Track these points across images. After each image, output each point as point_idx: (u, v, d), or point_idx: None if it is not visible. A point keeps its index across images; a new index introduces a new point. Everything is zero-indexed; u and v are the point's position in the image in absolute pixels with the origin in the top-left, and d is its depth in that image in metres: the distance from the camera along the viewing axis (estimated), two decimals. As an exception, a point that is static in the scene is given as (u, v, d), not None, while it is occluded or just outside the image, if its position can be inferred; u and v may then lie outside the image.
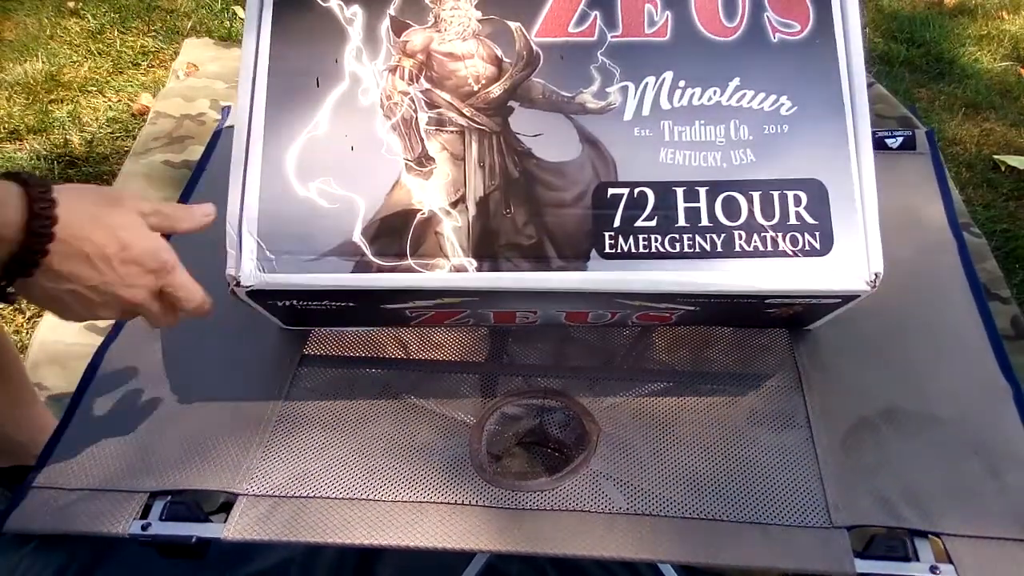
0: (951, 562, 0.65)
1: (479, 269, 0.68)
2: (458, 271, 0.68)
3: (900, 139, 1.01)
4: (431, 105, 0.71)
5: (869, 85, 2.06)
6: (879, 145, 1.01)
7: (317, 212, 0.69)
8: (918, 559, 0.66)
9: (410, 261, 0.68)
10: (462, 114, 0.71)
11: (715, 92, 0.71)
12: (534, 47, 0.72)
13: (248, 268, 0.68)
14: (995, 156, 1.85)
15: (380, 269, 0.68)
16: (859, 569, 0.64)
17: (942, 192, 0.97)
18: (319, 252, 0.68)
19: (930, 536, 0.67)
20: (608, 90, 0.71)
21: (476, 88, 0.72)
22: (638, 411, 0.77)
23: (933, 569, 0.65)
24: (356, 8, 0.73)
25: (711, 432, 0.75)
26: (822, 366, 0.81)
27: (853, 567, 0.65)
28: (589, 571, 1.10)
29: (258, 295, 0.71)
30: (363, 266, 0.68)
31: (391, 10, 0.73)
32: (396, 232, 0.69)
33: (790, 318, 0.79)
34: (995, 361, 0.81)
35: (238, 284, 0.68)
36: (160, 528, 0.68)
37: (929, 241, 0.92)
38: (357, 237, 0.68)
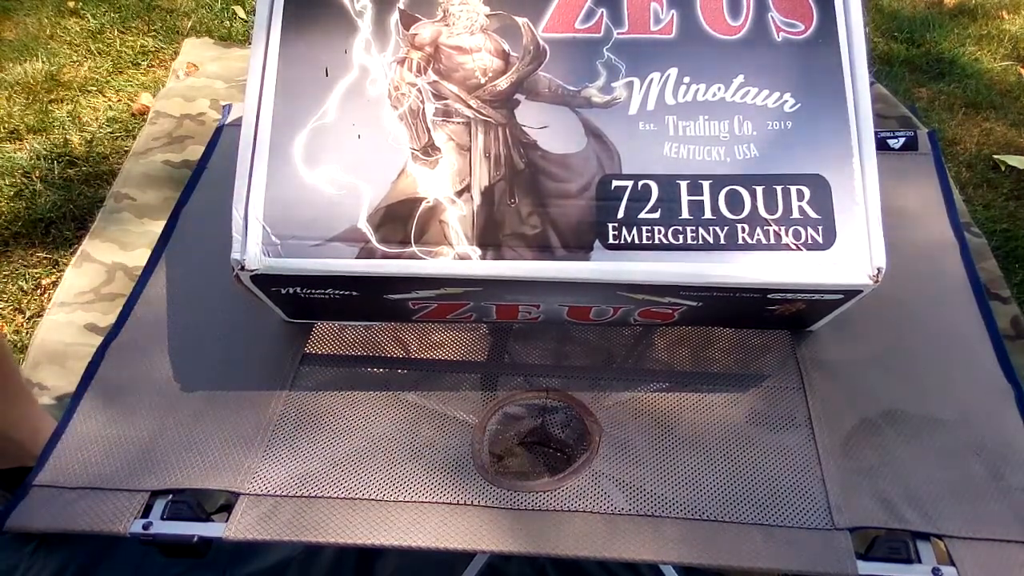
0: (953, 564, 0.65)
1: (483, 257, 0.69)
2: (462, 259, 0.68)
3: (902, 139, 1.01)
4: (438, 96, 0.72)
5: (870, 84, 2.06)
6: (881, 145, 1.01)
7: (323, 198, 0.69)
8: (920, 561, 0.66)
9: (414, 248, 0.68)
10: (469, 106, 0.72)
11: (719, 88, 0.72)
12: (541, 42, 0.73)
13: (253, 252, 0.68)
14: (995, 156, 1.85)
15: (384, 256, 0.68)
16: (861, 571, 0.64)
17: (944, 193, 0.97)
18: (324, 238, 0.69)
19: (932, 538, 0.67)
20: (614, 85, 0.72)
21: (483, 81, 0.72)
22: (640, 411, 0.77)
23: (935, 571, 0.65)
24: (366, 1, 0.74)
25: (713, 432, 0.75)
26: (823, 367, 0.81)
27: (855, 569, 0.64)
28: (590, 571, 1.10)
29: (262, 280, 0.71)
30: (368, 252, 0.68)
31: (400, 3, 0.74)
32: (401, 220, 0.69)
33: (792, 317, 0.79)
34: (996, 362, 0.81)
35: (243, 268, 0.68)
36: (161, 527, 0.68)
37: (931, 242, 0.92)
38: (362, 224, 0.69)
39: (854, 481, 0.71)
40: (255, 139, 0.70)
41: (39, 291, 1.53)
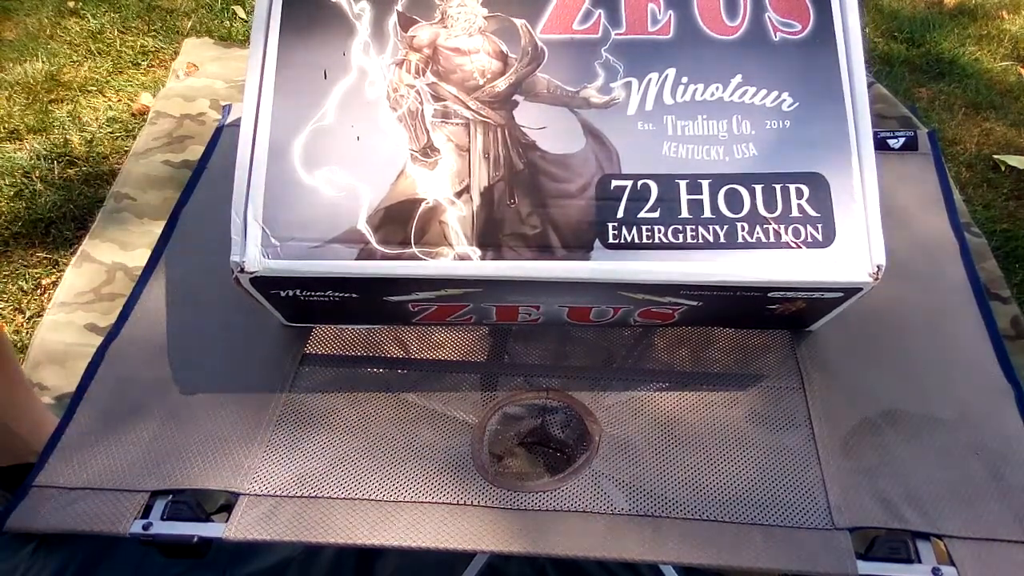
0: (953, 564, 0.65)
1: (483, 258, 0.69)
2: (462, 259, 0.69)
3: (902, 139, 1.01)
4: (437, 98, 0.72)
5: (869, 85, 2.05)
6: (881, 145, 1.01)
7: (322, 200, 0.69)
8: (920, 561, 0.66)
9: (414, 249, 0.69)
10: (467, 107, 0.72)
11: (717, 88, 0.72)
12: (539, 43, 0.73)
13: (252, 254, 0.68)
14: (995, 156, 1.85)
15: (384, 257, 0.68)
16: (861, 571, 0.64)
17: (944, 192, 0.97)
18: (324, 239, 0.69)
19: (932, 538, 0.67)
20: (612, 85, 0.72)
21: (482, 82, 0.73)
22: (640, 411, 0.77)
23: (935, 571, 0.65)
24: (364, 4, 0.74)
25: (713, 432, 0.75)
26: (824, 367, 0.81)
27: (855, 569, 0.64)
28: (590, 571, 1.10)
29: (261, 283, 0.71)
30: (367, 253, 0.68)
31: (399, 6, 0.74)
32: (401, 221, 0.69)
33: (792, 317, 0.79)
34: (996, 362, 0.81)
35: (242, 270, 0.68)
36: (161, 528, 0.68)
37: (930, 241, 0.92)
38: (362, 225, 0.69)
39: (854, 481, 0.71)
40: (254, 141, 0.70)
41: (39, 291, 1.53)
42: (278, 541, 0.67)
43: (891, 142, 1.02)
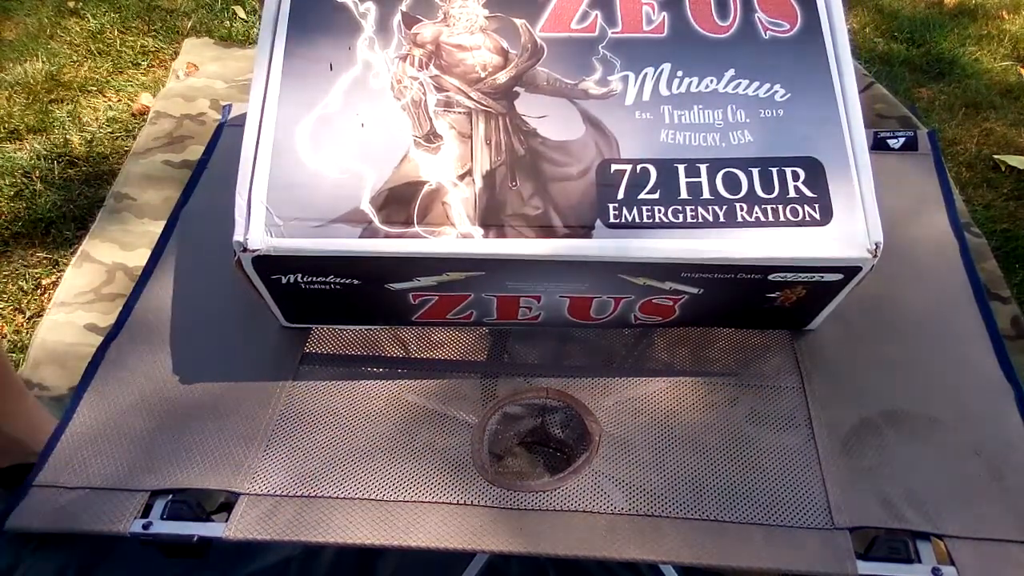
0: (953, 564, 0.65)
1: (485, 236, 0.69)
2: (464, 238, 0.69)
3: (902, 140, 1.01)
4: (440, 89, 0.74)
5: (869, 85, 2.06)
6: (881, 145, 1.01)
7: (326, 181, 0.70)
8: (920, 561, 0.66)
9: (417, 228, 0.69)
10: (469, 97, 0.74)
11: (712, 81, 0.75)
12: (538, 40, 0.76)
13: (256, 233, 0.69)
14: (995, 156, 1.85)
15: (387, 236, 0.69)
16: (861, 571, 0.64)
17: (944, 192, 0.97)
18: (327, 219, 0.69)
19: (932, 538, 0.67)
20: (609, 78, 0.75)
21: (483, 75, 0.75)
22: (640, 411, 0.77)
23: (935, 571, 0.65)
24: (369, 3, 0.77)
25: (713, 432, 0.75)
26: (823, 366, 0.81)
27: (855, 568, 0.65)
28: (590, 571, 1.10)
29: (263, 265, 0.71)
30: (371, 232, 0.69)
31: (403, 6, 0.77)
32: (404, 201, 0.70)
33: (792, 310, 0.79)
34: (996, 362, 0.81)
35: (245, 250, 0.69)
36: (161, 527, 0.68)
37: (930, 241, 0.92)
38: (365, 205, 0.70)
39: (854, 481, 0.71)
40: (260, 126, 0.72)
41: (39, 291, 1.53)
42: (278, 541, 0.67)
43: (891, 142, 1.02)
